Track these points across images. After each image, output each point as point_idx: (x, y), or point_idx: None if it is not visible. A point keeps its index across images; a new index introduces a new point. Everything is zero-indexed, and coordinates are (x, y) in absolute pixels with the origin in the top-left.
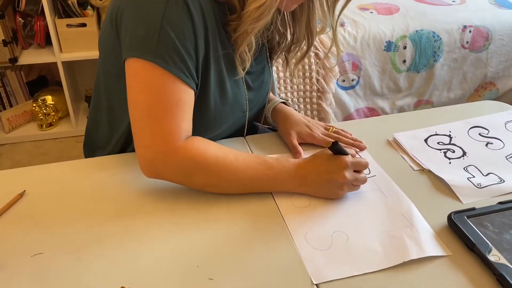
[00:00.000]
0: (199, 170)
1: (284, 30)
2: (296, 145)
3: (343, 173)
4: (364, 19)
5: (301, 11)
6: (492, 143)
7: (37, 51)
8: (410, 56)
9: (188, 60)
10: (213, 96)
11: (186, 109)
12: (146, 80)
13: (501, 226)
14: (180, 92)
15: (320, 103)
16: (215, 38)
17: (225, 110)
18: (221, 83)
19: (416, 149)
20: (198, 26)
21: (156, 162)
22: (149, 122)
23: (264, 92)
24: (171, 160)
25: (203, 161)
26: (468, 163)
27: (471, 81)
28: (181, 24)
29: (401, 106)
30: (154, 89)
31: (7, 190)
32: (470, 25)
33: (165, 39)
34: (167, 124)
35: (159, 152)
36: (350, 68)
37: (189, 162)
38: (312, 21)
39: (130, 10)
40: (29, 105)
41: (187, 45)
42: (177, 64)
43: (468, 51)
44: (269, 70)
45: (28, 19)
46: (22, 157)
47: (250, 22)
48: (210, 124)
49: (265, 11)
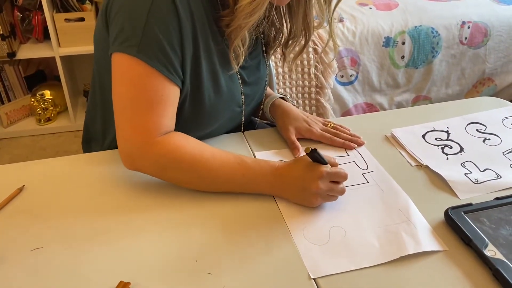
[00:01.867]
0: (173, 165)
1: (280, 25)
2: (294, 140)
3: (317, 183)
4: (363, 14)
5: (297, 5)
6: (490, 139)
7: (35, 45)
8: (408, 52)
9: (173, 57)
10: (207, 91)
11: (168, 105)
12: (130, 74)
13: (498, 222)
14: (163, 88)
15: (318, 99)
16: (206, 34)
17: (220, 105)
18: (215, 78)
19: (414, 144)
20: (184, 24)
21: (134, 155)
22: (130, 115)
23: (261, 87)
24: (147, 153)
25: (178, 156)
26: (466, 159)
27: (469, 77)
28: (167, 21)
29: (399, 102)
30: (136, 84)
31: (6, 184)
32: (468, 21)
33: (150, 35)
34: (146, 119)
35: (136, 145)
36: (349, 64)
37: (164, 157)
38: (309, 16)
39: (118, 6)
40: (27, 99)
41: (173, 42)
42: (160, 60)
43: (467, 47)
44: (265, 65)
45: (26, 13)
46: (21, 151)
47: (244, 16)
48: (205, 119)
49: (258, 5)
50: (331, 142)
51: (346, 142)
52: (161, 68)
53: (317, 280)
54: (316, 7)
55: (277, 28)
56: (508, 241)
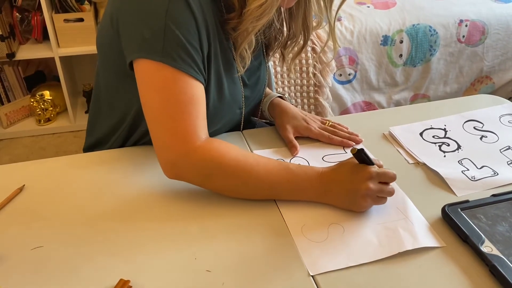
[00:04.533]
0: (218, 172)
1: (280, 26)
2: (292, 139)
3: (367, 184)
4: (361, 13)
5: (297, 7)
6: (487, 137)
7: (34, 46)
8: (406, 50)
9: (196, 56)
10: (212, 94)
11: (200, 104)
12: (157, 80)
13: (494, 218)
14: (192, 88)
15: (317, 97)
16: (215, 35)
17: (222, 108)
18: (219, 81)
19: (411, 142)
20: (200, 23)
21: (177, 162)
22: (166, 122)
23: (260, 88)
24: (192, 159)
25: (223, 163)
26: (463, 156)
27: (467, 75)
28: (185, 21)
29: (398, 100)
30: (166, 88)
31: (7, 184)
32: (466, 19)
33: (171, 37)
34: (183, 123)
35: (179, 152)
36: (347, 63)
37: (209, 163)
38: (309, 17)
39: (132, 11)
40: (27, 100)
41: (192, 41)
42: (185, 61)
43: (464, 45)
44: (265, 66)
45: (25, 14)
46: (20, 152)
47: (251, 20)
48: (208, 121)
49: (267, 9)
50: (329, 140)
51: (344, 140)
52: (187, 69)
53: (315, 277)
54: (315, 8)
55: (277, 29)
56: (504, 237)
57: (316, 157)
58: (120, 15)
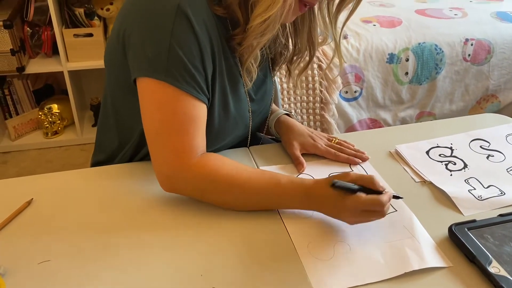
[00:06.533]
0: (211, 187)
1: (286, 41)
2: (299, 156)
3: (347, 215)
4: (367, 31)
5: (302, 22)
6: (493, 156)
7: (44, 60)
8: (412, 68)
9: (198, 77)
10: (218, 112)
11: (200, 124)
12: (159, 98)
13: (502, 238)
14: (193, 108)
15: (323, 114)
16: (220, 53)
17: (228, 124)
18: (224, 98)
19: (418, 161)
20: (204, 44)
21: (173, 177)
22: (165, 139)
23: (267, 102)
24: (187, 175)
25: (217, 178)
26: (469, 175)
27: (473, 93)
28: (189, 43)
29: (404, 118)
30: (167, 107)
31: (15, 198)
32: (472, 38)
33: (175, 58)
34: (182, 141)
35: (175, 168)
36: (353, 80)
37: (204, 178)
38: (314, 32)
39: (138, 30)
40: (35, 113)
41: (196, 62)
42: (188, 81)
43: (470, 64)
44: (271, 80)
45: (36, 28)
46: (28, 164)
47: (255, 36)
48: (214, 138)
49: (270, 25)
50: (335, 157)
51: (350, 157)
52: (189, 89)
53: None
54: (321, 24)
55: (282, 45)
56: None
57: (322, 174)
58: (126, 33)
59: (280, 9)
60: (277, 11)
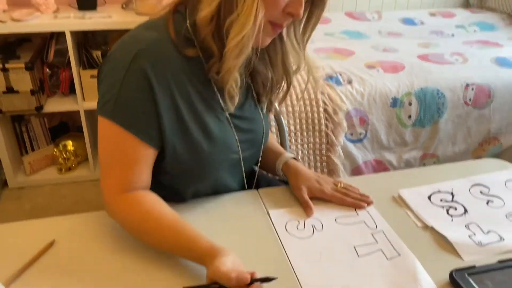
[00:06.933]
0: (126, 225)
1: (266, 72)
2: (307, 200)
3: None
4: (370, 76)
5: (274, 52)
6: (493, 201)
7: (61, 99)
8: (415, 112)
9: (145, 121)
10: (199, 141)
11: (139, 164)
12: (106, 134)
13: (501, 284)
14: (133, 148)
15: (329, 155)
16: (188, 93)
17: (216, 152)
18: (205, 128)
19: (420, 205)
20: (157, 91)
21: (109, 204)
22: (107, 170)
23: (258, 133)
24: (114, 207)
25: (128, 220)
26: (470, 221)
27: (475, 136)
28: (138, 91)
29: (408, 159)
30: (111, 143)
31: (37, 239)
32: (472, 83)
33: (122, 102)
34: (119, 175)
35: (110, 197)
36: (358, 123)
37: (121, 212)
38: (287, 61)
39: (103, 73)
40: (50, 149)
41: (144, 108)
42: (132, 124)
43: (471, 108)
44: (259, 113)
45: (54, 69)
46: (41, 200)
47: (233, 58)
48: (204, 168)
49: (244, 46)
50: (341, 201)
51: (356, 201)
52: (132, 131)
53: None
54: (293, 52)
55: (264, 76)
56: None
57: (330, 218)
58: (98, 74)
59: (252, 29)
60: (249, 31)
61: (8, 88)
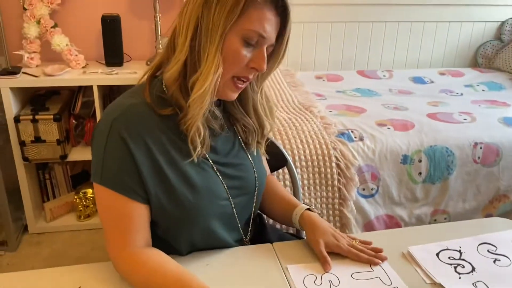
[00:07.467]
0: (132, 282)
1: (244, 118)
2: (325, 255)
3: None
4: (381, 134)
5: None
6: (500, 260)
7: (84, 148)
8: (425, 169)
9: (129, 180)
10: (181, 192)
11: (135, 221)
12: (100, 199)
13: None
14: (126, 207)
15: (341, 210)
16: (165, 147)
17: (202, 200)
18: (185, 178)
19: (428, 262)
20: (135, 151)
21: (114, 262)
22: (107, 231)
23: (249, 180)
24: (118, 264)
25: (132, 277)
26: (477, 279)
27: (485, 193)
28: (119, 154)
29: (419, 215)
30: (105, 205)
31: (64, 286)
32: (480, 142)
33: (107, 166)
34: (118, 235)
35: (114, 255)
36: (370, 178)
37: (125, 270)
38: (257, 107)
39: (92, 143)
40: (71, 196)
41: (126, 168)
42: (119, 185)
43: (480, 166)
44: (248, 159)
45: (80, 120)
46: (59, 246)
47: (194, 109)
48: (192, 216)
49: (205, 97)
50: (357, 258)
51: (371, 258)
52: (120, 191)
53: None
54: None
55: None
56: None
57: (346, 274)
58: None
59: (212, 83)
60: (209, 86)
61: (36, 138)
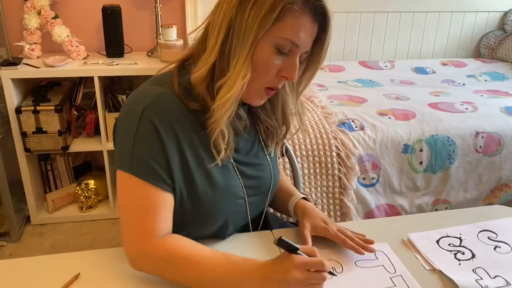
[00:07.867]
0: (168, 267)
1: (268, 120)
2: (306, 235)
3: (293, 273)
4: (382, 123)
5: (275, 103)
6: (500, 247)
7: (86, 139)
8: (426, 158)
9: (158, 168)
10: (202, 188)
11: (160, 210)
12: (125, 187)
13: None
14: (152, 195)
15: (342, 199)
16: (192, 141)
17: (219, 198)
18: (208, 175)
19: (428, 249)
20: (166, 141)
21: (136, 258)
22: (129, 222)
23: (265, 180)
24: (145, 256)
25: (171, 259)
26: (477, 265)
27: (486, 182)
28: (149, 142)
29: (420, 204)
30: (131, 195)
31: (63, 272)
32: (482, 131)
33: (137, 155)
34: (143, 225)
35: (137, 250)
36: (370, 168)
37: (160, 260)
38: (286, 110)
39: (117, 131)
40: (73, 187)
41: (156, 157)
42: (148, 173)
43: (482, 155)
44: (267, 159)
45: (81, 111)
46: (61, 237)
47: (219, 114)
48: (209, 214)
49: (231, 104)
50: (343, 243)
51: (355, 246)
52: (148, 179)
53: None
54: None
55: (266, 123)
56: None
57: (350, 261)
58: (114, 132)
59: (238, 89)
60: (235, 93)
61: (38, 129)
